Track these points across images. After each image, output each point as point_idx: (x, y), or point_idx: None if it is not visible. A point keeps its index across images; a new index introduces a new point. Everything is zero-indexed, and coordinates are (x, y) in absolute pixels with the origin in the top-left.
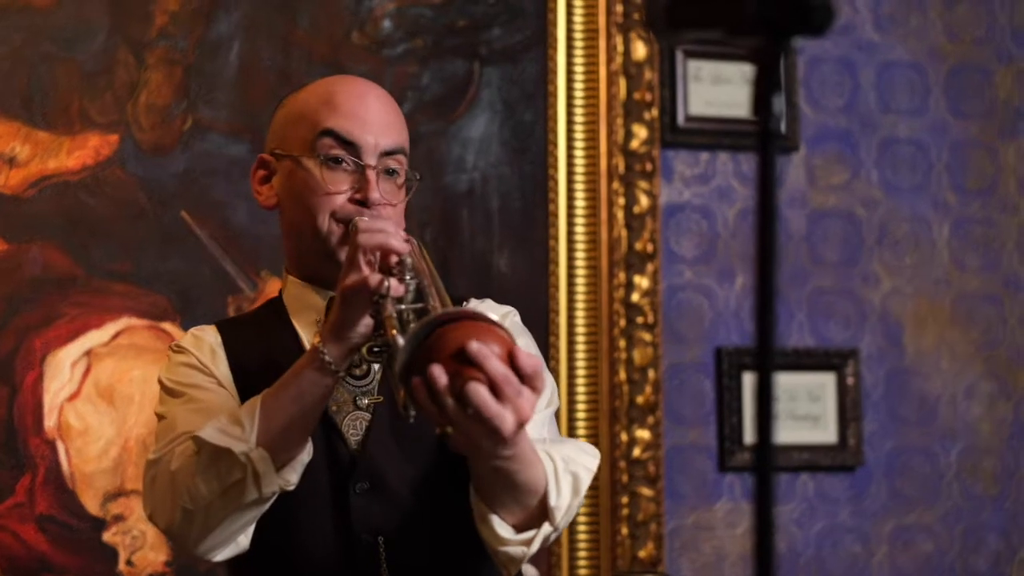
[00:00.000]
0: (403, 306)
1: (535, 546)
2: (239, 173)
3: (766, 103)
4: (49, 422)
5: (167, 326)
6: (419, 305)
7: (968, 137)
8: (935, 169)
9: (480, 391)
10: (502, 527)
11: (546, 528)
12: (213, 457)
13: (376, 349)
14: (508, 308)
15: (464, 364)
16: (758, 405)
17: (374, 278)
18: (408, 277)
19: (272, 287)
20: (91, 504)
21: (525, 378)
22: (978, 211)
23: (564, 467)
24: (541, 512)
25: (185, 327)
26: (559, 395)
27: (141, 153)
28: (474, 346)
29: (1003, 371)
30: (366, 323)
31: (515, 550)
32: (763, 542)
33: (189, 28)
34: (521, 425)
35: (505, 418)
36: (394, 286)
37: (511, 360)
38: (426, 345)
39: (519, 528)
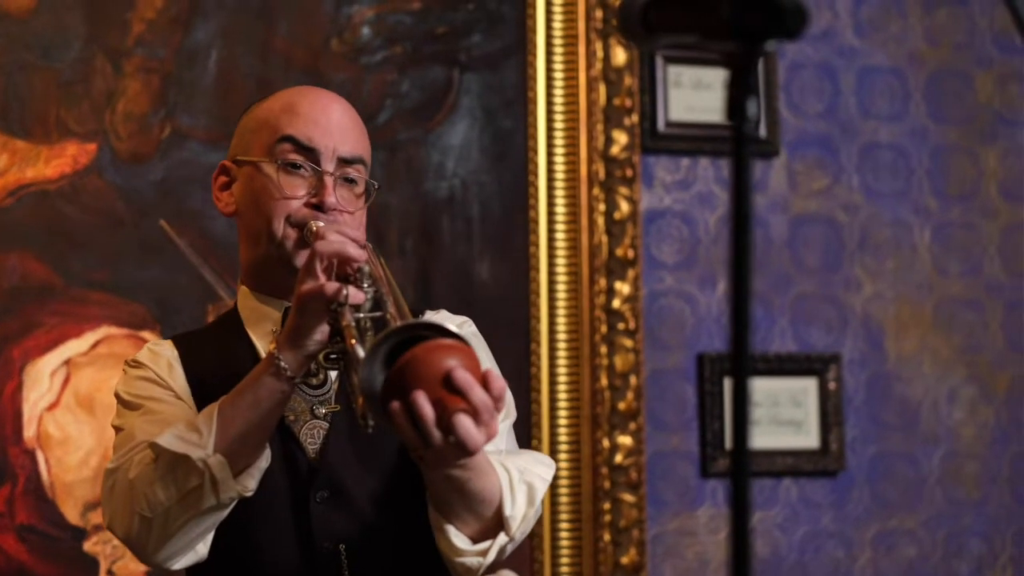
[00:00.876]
0: (361, 315)
1: (491, 556)
2: None
3: (740, 107)
4: (28, 432)
5: (146, 335)
6: (378, 314)
7: (949, 142)
8: (916, 174)
9: (467, 424)
10: (458, 537)
11: (502, 538)
12: (171, 464)
13: (333, 356)
14: (463, 318)
15: (447, 390)
16: (734, 410)
17: (331, 286)
18: (366, 285)
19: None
20: (71, 514)
21: (494, 400)
22: (959, 216)
23: (519, 477)
24: (496, 522)
25: (164, 336)
26: (540, 403)
27: (119, 162)
28: (459, 374)
29: (985, 375)
30: (322, 330)
31: (471, 560)
32: (739, 547)
33: (167, 36)
34: (489, 441)
35: (480, 441)
36: (353, 294)
37: (484, 384)
38: (402, 366)
39: (475, 539)
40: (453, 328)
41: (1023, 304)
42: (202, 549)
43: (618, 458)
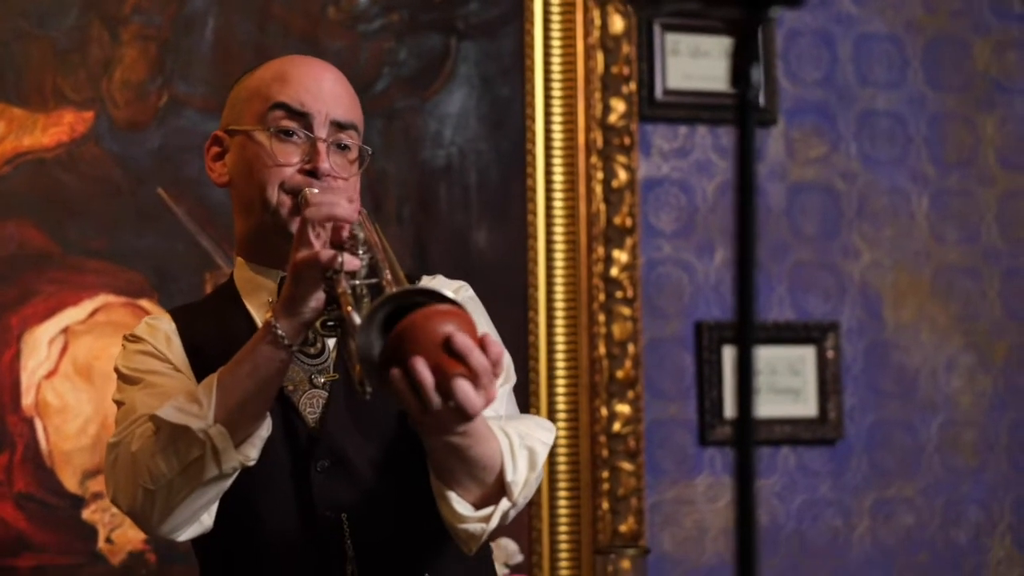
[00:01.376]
0: (357, 281)
1: (494, 522)
2: None
3: (744, 75)
4: (27, 400)
5: (144, 303)
6: (373, 280)
7: (946, 109)
8: (914, 142)
9: (467, 388)
10: (460, 504)
11: (504, 504)
12: (172, 435)
13: (330, 324)
14: (460, 283)
15: (446, 355)
16: (738, 379)
17: (325, 253)
18: (361, 252)
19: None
20: (70, 482)
21: (492, 364)
22: (957, 183)
23: (520, 442)
24: (498, 488)
25: (162, 304)
26: (538, 371)
27: (116, 130)
28: (459, 338)
29: (983, 343)
30: (318, 298)
31: (474, 527)
32: (744, 517)
33: (164, 4)
34: (487, 405)
35: (479, 404)
36: (348, 260)
37: (482, 348)
38: (400, 333)
39: (477, 505)
40: (449, 294)
41: (1021, 272)
42: (207, 520)
43: (616, 426)
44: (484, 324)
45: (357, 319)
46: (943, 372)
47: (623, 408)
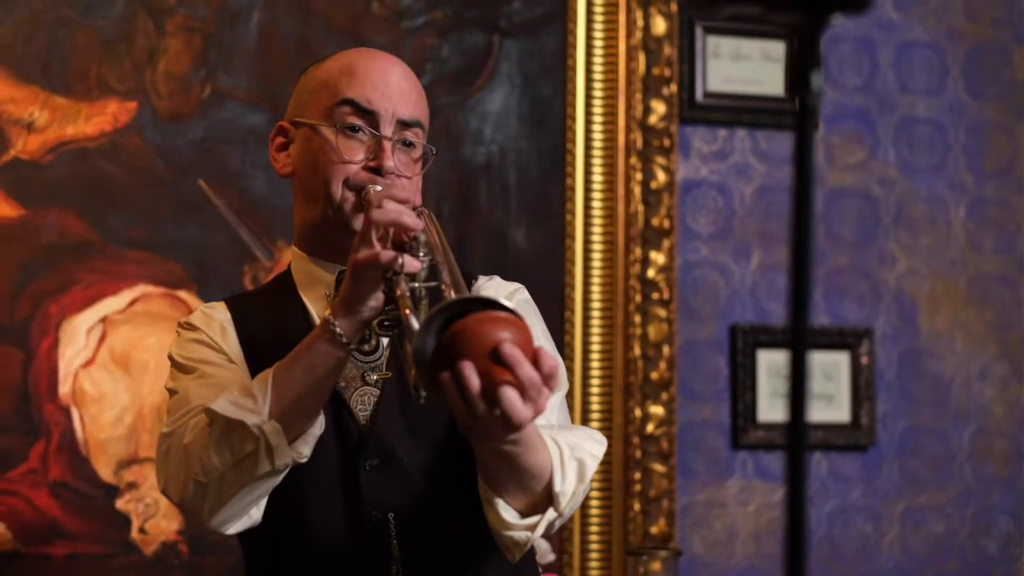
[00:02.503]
0: (416, 284)
1: (539, 531)
2: (257, 142)
3: (804, 80)
4: (64, 388)
5: (183, 294)
6: (433, 284)
7: (985, 118)
8: (952, 150)
9: (513, 397)
10: (507, 511)
11: (551, 514)
12: (226, 429)
13: (387, 323)
14: (516, 285)
15: (494, 363)
16: (792, 384)
17: (386, 254)
18: (422, 254)
19: (289, 256)
20: (104, 471)
21: (544, 378)
22: (994, 192)
23: (570, 453)
24: (546, 498)
25: (201, 295)
26: (574, 371)
27: (159, 121)
28: (507, 348)
29: (1017, 353)
30: (377, 297)
31: (519, 535)
32: (794, 521)
33: None
34: (536, 417)
35: (527, 415)
36: (408, 263)
37: (535, 361)
38: (452, 336)
39: (524, 513)
40: (507, 303)
41: None
42: (256, 514)
43: (649, 428)
44: (539, 332)
45: (415, 323)
46: (976, 381)
47: (657, 410)
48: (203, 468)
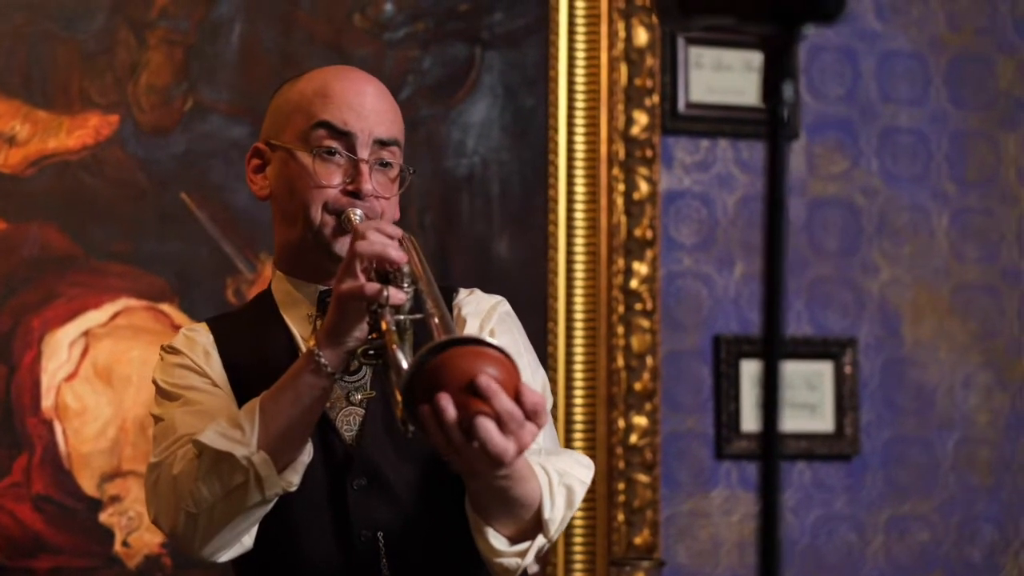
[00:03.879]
0: (401, 316)
1: (529, 557)
2: (239, 155)
3: (776, 91)
4: (46, 402)
5: (165, 307)
6: (418, 316)
7: (968, 127)
8: (935, 159)
9: (488, 426)
10: (496, 539)
11: (540, 540)
12: (215, 461)
13: (371, 352)
14: (497, 298)
15: (472, 396)
16: (764, 394)
17: (371, 287)
18: (406, 285)
19: (271, 269)
20: (87, 484)
21: (529, 414)
22: (977, 202)
23: (559, 480)
24: (535, 524)
25: (183, 308)
26: (557, 382)
27: (141, 134)
28: (483, 380)
29: (1000, 362)
30: (362, 328)
31: (509, 561)
32: (768, 530)
33: (190, 9)
34: (520, 453)
35: (508, 450)
36: (393, 295)
37: (516, 396)
38: (431, 369)
39: (513, 539)
40: (494, 341)
41: None
42: (247, 541)
43: (633, 438)
44: (520, 343)
45: (402, 359)
46: (960, 390)
47: (640, 420)
48: (193, 500)
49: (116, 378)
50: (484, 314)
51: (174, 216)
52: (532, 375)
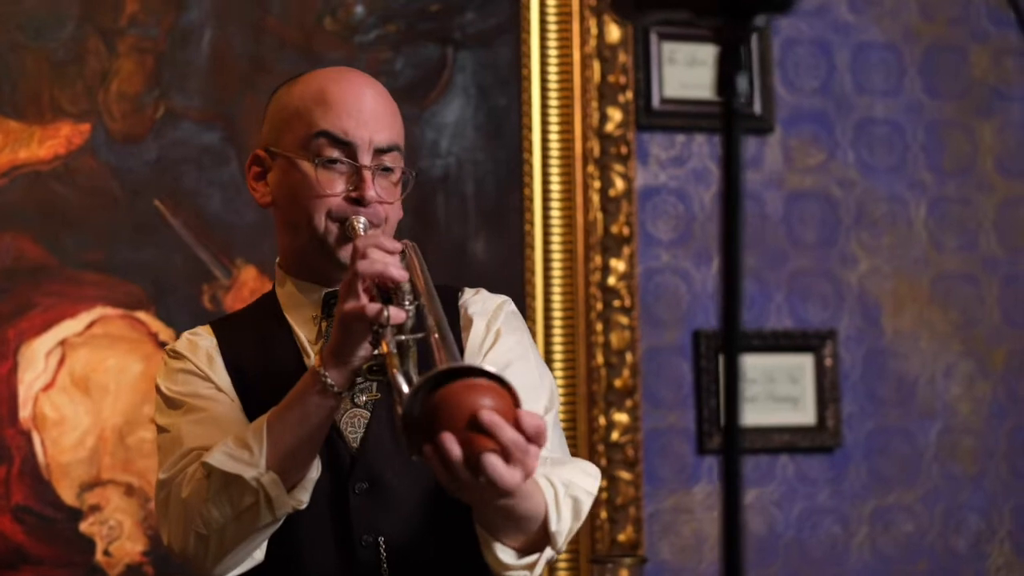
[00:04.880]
0: (403, 336)
1: (538, 570)
2: (212, 161)
3: (731, 83)
4: (24, 413)
5: (141, 315)
6: (420, 335)
7: (944, 117)
8: (911, 149)
9: (495, 463)
10: (504, 552)
11: (548, 552)
12: (224, 483)
13: (376, 368)
14: (502, 298)
15: (474, 432)
16: (725, 387)
17: (372, 307)
18: (407, 302)
19: (247, 275)
20: (67, 494)
21: (531, 439)
22: (955, 191)
23: (565, 492)
24: (543, 536)
25: (160, 316)
26: None
27: (113, 142)
28: (485, 416)
29: (981, 350)
30: (365, 347)
31: (518, 574)
32: (731, 524)
33: (160, 16)
34: (527, 478)
35: (515, 479)
36: (394, 315)
37: (516, 422)
38: (432, 406)
39: (521, 552)
40: (490, 368)
41: (1019, 278)
42: (259, 555)
43: (614, 435)
44: (526, 343)
45: (403, 383)
46: (942, 379)
47: (621, 417)
48: (204, 521)
49: (94, 387)
50: (490, 314)
51: (148, 224)
52: (540, 378)
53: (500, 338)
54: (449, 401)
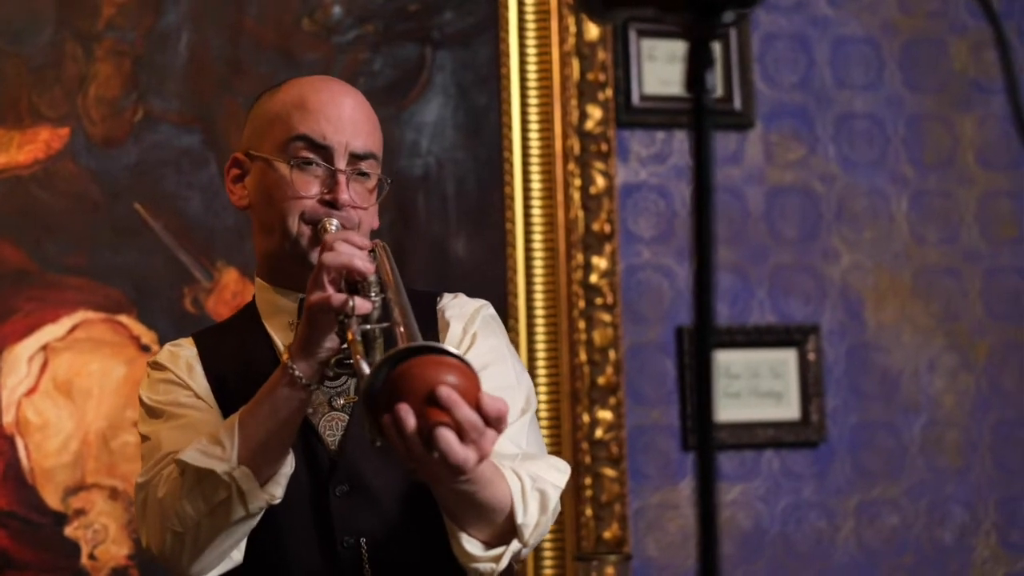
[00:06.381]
0: (369, 326)
1: (504, 562)
2: (191, 164)
3: (700, 79)
4: (7, 418)
5: (123, 319)
6: (385, 324)
7: (924, 110)
8: (892, 143)
9: (447, 437)
10: (471, 544)
11: (515, 545)
12: (197, 479)
13: (346, 362)
14: (481, 302)
15: (432, 406)
16: (697, 383)
17: (337, 298)
18: (373, 294)
19: (228, 277)
20: (52, 499)
21: (490, 421)
22: (936, 184)
23: (531, 485)
24: (509, 529)
25: (141, 319)
26: None
27: (92, 146)
28: (443, 391)
29: (964, 343)
30: (332, 339)
31: (484, 566)
32: (706, 521)
33: (137, 19)
34: (481, 461)
35: (468, 459)
36: (359, 305)
37: (477, 404)
38: (393, 379)
39: (488, 544)
40: (454, 350)
41: (1002, 271)
42: (237, 556)
43: (599, 433)
44: (503, 346)
45: (366, 369)
46: (925, 373)
47: (605, 414)
48: (178, 518)
49: (76, 391)
50: (468, 318)
51: (128, 227)
52: (517, 380)
53: (477, 341)
54: (411, 373)
